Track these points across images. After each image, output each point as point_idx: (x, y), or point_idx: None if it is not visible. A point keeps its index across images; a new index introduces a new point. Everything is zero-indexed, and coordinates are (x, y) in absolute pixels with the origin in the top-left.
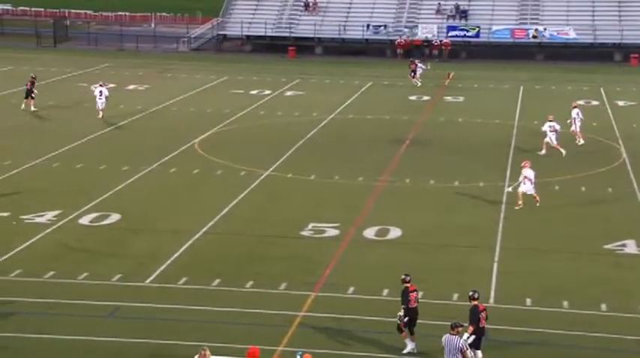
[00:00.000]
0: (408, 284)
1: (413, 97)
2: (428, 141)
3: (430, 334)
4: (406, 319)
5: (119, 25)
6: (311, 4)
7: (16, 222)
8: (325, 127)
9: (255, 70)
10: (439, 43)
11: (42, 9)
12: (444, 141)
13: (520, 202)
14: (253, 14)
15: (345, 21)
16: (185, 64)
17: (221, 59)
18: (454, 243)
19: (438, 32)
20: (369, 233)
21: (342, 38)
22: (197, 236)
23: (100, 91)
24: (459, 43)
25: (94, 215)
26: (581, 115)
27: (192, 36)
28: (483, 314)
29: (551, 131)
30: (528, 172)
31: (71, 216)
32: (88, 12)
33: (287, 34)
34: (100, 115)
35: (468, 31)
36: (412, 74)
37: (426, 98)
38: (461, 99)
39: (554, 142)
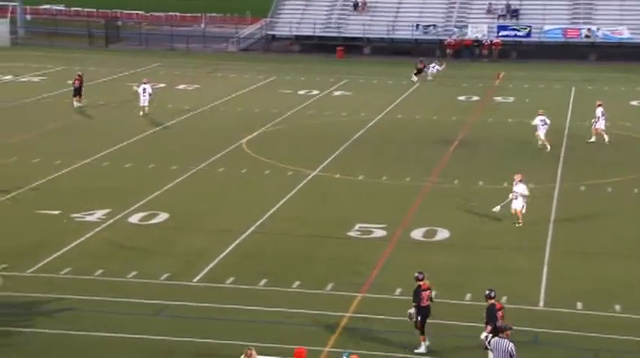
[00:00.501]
0: (421, 283)
1: (462, 98)
2: (477, 142)
3: (476, 336)
4: (419, 318)
5: (170, 26)
6: (360, 4)
7: (67, 220)
8: (373, 128)
9: (303, 69)
10: (489, 42)
11: (94, 9)
12: (494, 142)
13: (520, 221)
14: (302, 14)
15: (394, 21)
16: (234, 63)
17: (269, 59)
18: (502, 245)
19: (489, 32)
20: (417, 234)
21: (391, 38)
22: (244, 235)
23: (144, 88)
24: (509, 42)
25: (142, 214)
26: (605, 114)
27: (242, 36)
28: (500, 313)
29: (542, 125)
30: (520, 188)
31: (120, 215)
32: (140, 12)
33: (335, 34)
34: (142, 113)
35: (518, 30)
36: (416, 72)
37: (475, 98)
38: (511, 99)
39: (542, 137)
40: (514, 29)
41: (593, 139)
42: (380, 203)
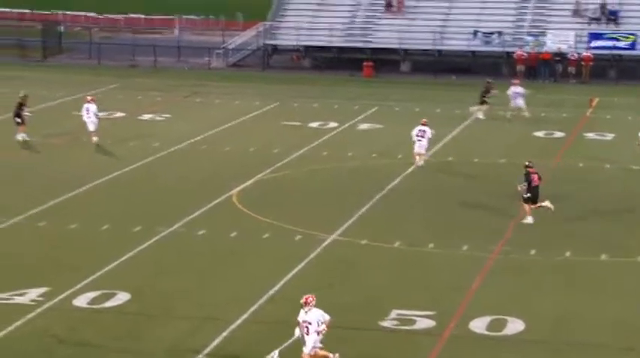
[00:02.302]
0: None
1: (539, 133)
2: (561, 197)
3: None
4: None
5: (131, 32)
6: (395, 3)
7: None
8: (414, 174)
9: (316, 93)
10: (577, 56)
11: (27, 10)
12: (585, 197)
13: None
14: (313, 17)
15: (443, 26)
16: (220, 85)
17: (269, 78)
18: (600, 342)
19: (576, 42)
20: (478, 325)
21: (439, 50)
22: (234, 325)
23: (87, 108)
24: (605, 57)
25: (93, 294)
26: None
27: (231, 47)
28: (535, 176)
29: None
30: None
31: (62, 296)
32: (90, 14)
33: (361, 45)
34: (95, 140)
35: (618, 40)
36: (484, 98)
37: (558, 134)
38: (609, 136)
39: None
40: (612, 38)
41: None
42: (425, 281)
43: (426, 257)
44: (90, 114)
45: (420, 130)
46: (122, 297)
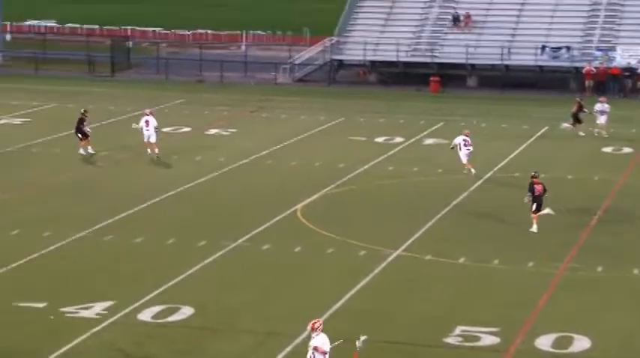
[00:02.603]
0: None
1: (608, 149)
2: (630, 213)
3: None
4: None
5: (198, 48)
6: (462, 18)
7: (55, 316)
8: (480, 190)
9: (382, 108)
10: None
11: (96, 26)
12: None
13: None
14: (381, 32)
15: (511, 40)
16: (286, 100)
17: (335, 94)
18: None
19: None
20: (544, 343)
21: (506, 65)
22: (298, 340)
23: (147, 121)
24: None
25: (158, 308)
26: None
27: (297, 62)
28: (539, 187)
29: None
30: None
31: (127, 310)
32: (158, 30)
33: (428, 60)
34: (155, 151)
35: None
36: (575, 117)
37: (627, 150)
38: None
39: None
40: None
41: None
42: (490, 297)
43: (491, 273)
44: (149, 127)
45: (465, 139)
46: (186, 311)
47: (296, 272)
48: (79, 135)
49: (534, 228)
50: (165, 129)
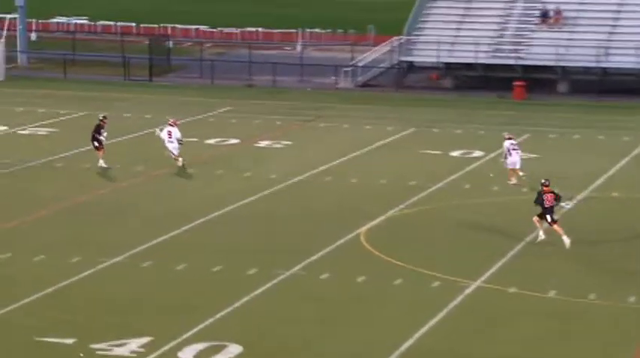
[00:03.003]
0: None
1: None
2: None
3: None
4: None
5: (247, 48)
6: (552, 14)
7: (84, 353)
8: (572, 214)
9: (458, 118)
10: None
11: (132, 23)
12: None
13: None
14: (457, 30)
15: (608, 40)
16: (347, 107)
17: (404, 100)
18: None
19: None
20: None
21: (603, 68)
22: None
23: (169, 132)
24: None
25: (201, 345)
26: None
27: (360, 64)
28: (550, 196)
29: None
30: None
31: (167, 347)
32: (202, 28)
33: (512, 62)
34: (180, 163)
35: None
36: None
37: None
38: None
39: None
40: None
41: None
42: (585, 336)
43: (586, 309)
44: (172, 139)
45: (512, 144)
46: (233, 350)
47: (359, 306)
48: (95, 144)
49: (566, 242)
50: (209, 141)
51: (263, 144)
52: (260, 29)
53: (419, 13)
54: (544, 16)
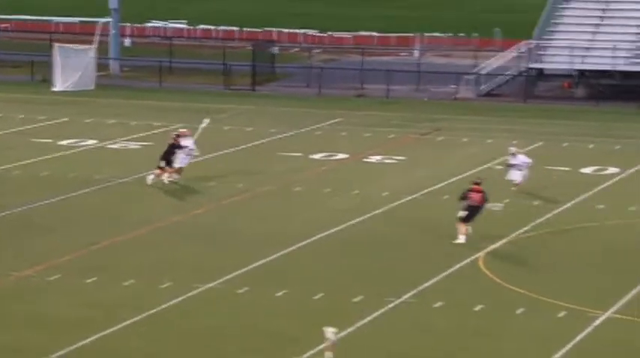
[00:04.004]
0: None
1: None
2: None
3: None
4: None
5: (360, 54)
6: None
7: None
8: None
9: (592, 130)
10: None
11: (235, 28)
12: None
13: None
14: (593, 34)
15: None
16: (468, 119)
17: (532, 111)
18: None
19: None
20: None
21: None
22: None
23: (180, 143)
24: None
25: None
26: None
27: (484, 71)
28: (477, 196)
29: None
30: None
31: None
32: (311, 32)
33: None
34: (167, 178)
35: None
36: None
37: None
38: None
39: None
40: None
41: None
42: None
43: None
44: (185, 151)
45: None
46: None
47: (477, 338)
48: (163, 163)
49: (461, 239)
50: (315, 156)
51: (374, 159)
52: (374, 33)
53: (550, 15)
54: None
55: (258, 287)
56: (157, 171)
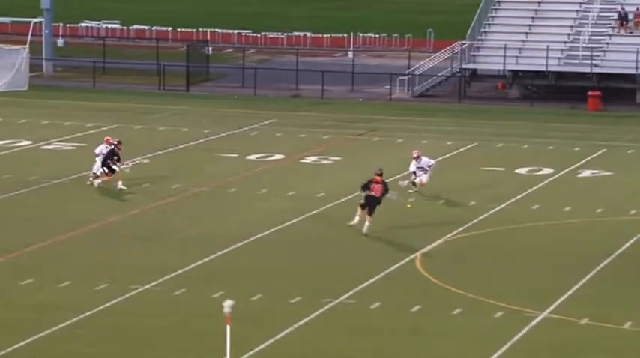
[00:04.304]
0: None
1: None
2: None
3: None
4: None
5: (293, 55)
6: (632, 17)
7: None
8: None
9: (525, 130)
10: None
11: (168, 28)
12: None
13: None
14: (526, 35)
15: None
16: (402, 120)
17: (466, 112)
18: None
19: None
20: None
21: None
22: None
23: (102, 149)
24: None
25: None
26: None
27: (418, 72)
28: (377, 187)
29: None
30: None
31: None
32: (245, 32)
33: (586, 70)
34: (96, 183)
35: None
36: None
37: None
38: None
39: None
40: None
41: None
42: None
43: None
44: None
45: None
46: None
47: (414, 338)
48: (105, 169)
49: (355, 221)
50: (250, 157)
51: (310, 160)
52: (308, 34)
53: (483, 16)
54: (622, 19)
55: (195, 288)
56: (106, 178)
